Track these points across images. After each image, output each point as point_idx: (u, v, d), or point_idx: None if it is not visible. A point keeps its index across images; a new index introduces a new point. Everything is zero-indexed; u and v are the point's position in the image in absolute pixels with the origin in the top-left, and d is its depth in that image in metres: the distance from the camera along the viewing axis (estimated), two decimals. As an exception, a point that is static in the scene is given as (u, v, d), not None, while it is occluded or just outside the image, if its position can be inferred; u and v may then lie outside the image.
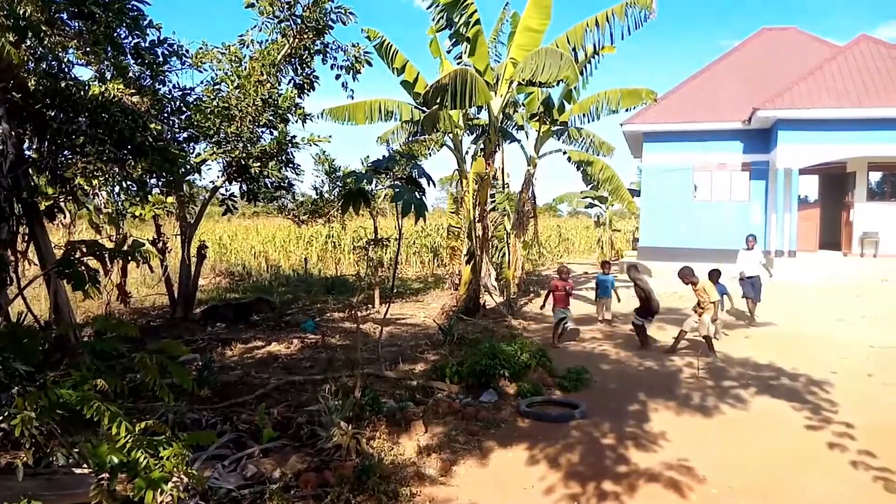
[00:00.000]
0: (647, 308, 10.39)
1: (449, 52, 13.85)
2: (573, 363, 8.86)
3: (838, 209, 21.21)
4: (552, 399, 7.53)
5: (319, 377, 7.99)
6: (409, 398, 7.27)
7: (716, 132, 21.79)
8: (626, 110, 16.26)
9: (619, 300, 12.69)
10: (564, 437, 6.24)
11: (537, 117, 16.63)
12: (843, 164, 20.36)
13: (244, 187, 11.81)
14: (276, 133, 11.27)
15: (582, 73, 14.88)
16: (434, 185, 7.96)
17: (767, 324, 12.23)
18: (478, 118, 16.45)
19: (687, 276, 10.16)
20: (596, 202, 31.43)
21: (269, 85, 11.04)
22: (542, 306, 11.63)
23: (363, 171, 8.05)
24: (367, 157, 11.98)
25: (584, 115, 16.53)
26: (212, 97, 10.70)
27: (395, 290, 16.85)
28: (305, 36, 11.32)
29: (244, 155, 10.89)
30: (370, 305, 14.50)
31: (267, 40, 11.41)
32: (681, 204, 22.41)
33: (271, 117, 11.11)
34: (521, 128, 17.90)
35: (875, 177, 20.89)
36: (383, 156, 7.85)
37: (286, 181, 11.86)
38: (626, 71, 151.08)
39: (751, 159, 21.74)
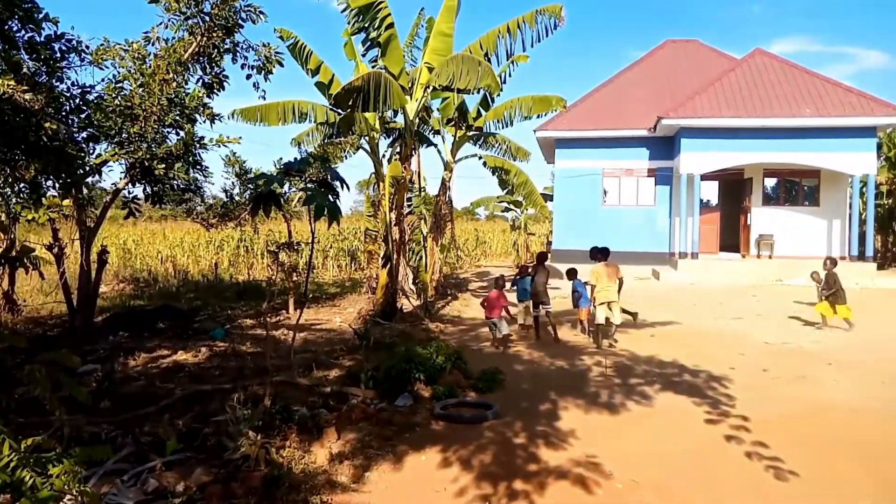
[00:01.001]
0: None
1: (364, 55, 13.79)
2: (488, 365, 8.96)
3: (737, 213, 22.44)
4: (466, 401, 7.58)
5: (228, 386, 7.74)
6: (322, 405, 7.15)
7: (623, 139, 22.67)
8: (538, 116, 16.65)
9: None
10: (477, 439, 6.29)
11: (453, 122, 16.79)
12: (741, 171, 21.57)
13: (148, 190, 11.34)
14: (182, 133, 10.88)
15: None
16: (348, 188, 7.89)
17: (671, 323, 12.78)
18: (394, 122, 16.44)
19: (593, 254, 11.24)
20: (512, 206, 32.05)
21: (175, 84, 10.64)
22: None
23: (274, 174, 7.89)
24: (281, 158, 11.75)
25: (498, 121, 16.84)
26: (114, 96, 10.22)
27: (309, 295, 16.57)
28: (214, 34, 10.97)
29: (148, 156, 10.45)
30: (284, 311, 14.21)
31: (173, 38, 11.00)
32: (591, 208, 23.18)
33: (178, 117, 10.71)
34: (437, 132, 18.02)
35: (770, 182, 22.25)
36: (295, 158, 7.72)
37: (194, 183, 11.46)
38: (540, 79, 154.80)
39: (656, 165, 22.73)
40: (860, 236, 20.60)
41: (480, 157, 18.05)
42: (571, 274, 12.18)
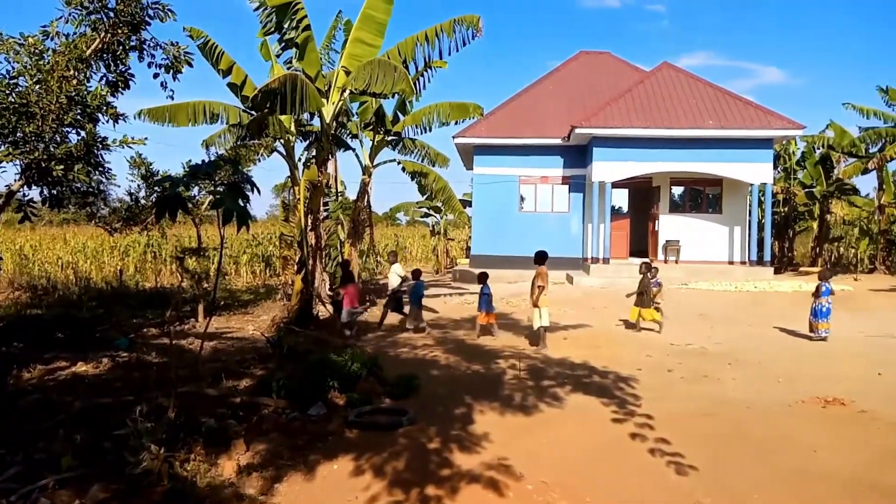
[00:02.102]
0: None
1: (278, 56, 13.54)
2: (405, 370, 8.94)
3: (646, 220, 23.35)
4: (381, 408, 7.54)
5: (131, 398, 7.39)
6: (231, 416, 6.93)
7: (539, 147, 23.22)
8: (456, 123, 16.77)
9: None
10: (392, 445, 6.26)
11: (371, 127, 16.72)
12: (650, 179, 22.46)
13: (46, 192, 10.70)
14: (83, 133, 10.34)
15: (415, 86, 15.16)
16: (258, 191, 7.70)
17: (583, 325, 13.15)
18: (311, 125, 16.20)
19: (540, 258, 11.33)
20: (431, 212, 32.22)
21: (75, 81, 10.09)
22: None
23: (181, 176, 7.62)
24: (190, 161, 11.36)
25: (416, 127, 16.86)
26: (7, 92, 9.59)
27: (220, 302, 16.09)
28: (119, 31, 10.49)
29: (45, 157, 9.86)
30: (194, 319, 13.72)
31: (74, 33, 10.44)
32: (508, 214, 23.61)
33: (78, 116, 10.16)
34: (355, 136, 17.90)
35: (677, 190, 23.26)
36: (203, 160, 7.49)
37: (96, 186, 10.90)
38: (459, 86, 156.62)
39: (570, 173, 23.39)
40: (759, 242, 21.82)
41: (399, 163, 18.06)
42: (482, 278, 12.39)
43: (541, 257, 11.38)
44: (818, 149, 26.50)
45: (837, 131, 25.57)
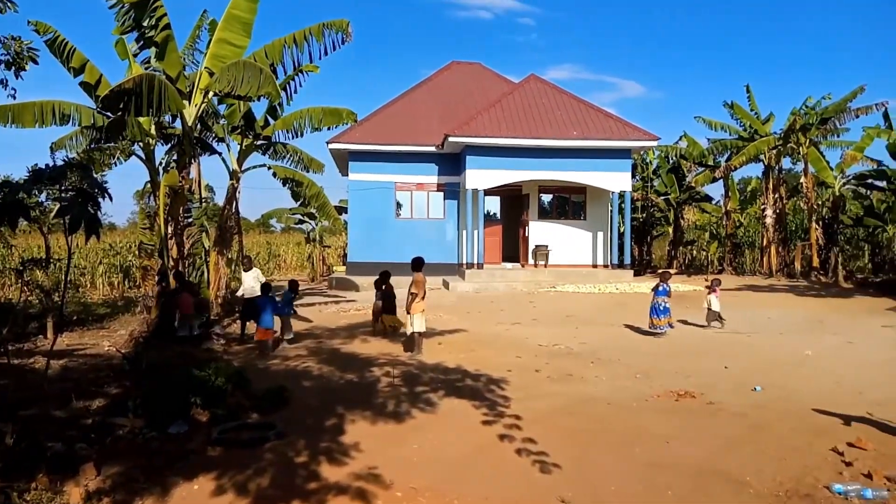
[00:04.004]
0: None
1: (136, 55, 12.80)
2: (275, 383, 8.66)
3: (517, 226, 24.12)
4: (247, 423, 7.25)
5: (-38, 426, 6.68)
6: (82, 439, 6.43)
7: (414, 154, 23.44)
8: (329, 129, 16.63)
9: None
10: (257, 461, 6.04)
11: (239, 130, 16.18)
12: (520, 187, 23.24)
13: None
14: None
15: (285, 90, 14.85)
16: (111, 198, 7.22)
17: (458, 330, 13.35)
18: (173, 127, 15.43)
19: (416, 264, 11.36)
20: (306, 219, 31.62)
21: None
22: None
23: (23, 181, 7.03)
24: (35, 165, 10.47)
25: (288, 131, 16.54)
26: None
27: (72, 317, 14.96)
28: (-51, 20, 9.55)
29: None
30: (42, 336, 12.63)
31: None
32: (385, 220, 23.65)
33: None
34: (222, 140, 17.25)
35: (545, 198, 24.19)
36: (46, 164, 6.93)
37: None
38: (336, 91, 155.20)
39: (445, 181, 23.78)
40: (620, 246, 23.13)
41: (269, 168, 17.57)
42: (265, 289, 12.16)
43: (417, 264, 11.42)
44: (671, 159, 28.55)
45: (689, 142, 27.69)
